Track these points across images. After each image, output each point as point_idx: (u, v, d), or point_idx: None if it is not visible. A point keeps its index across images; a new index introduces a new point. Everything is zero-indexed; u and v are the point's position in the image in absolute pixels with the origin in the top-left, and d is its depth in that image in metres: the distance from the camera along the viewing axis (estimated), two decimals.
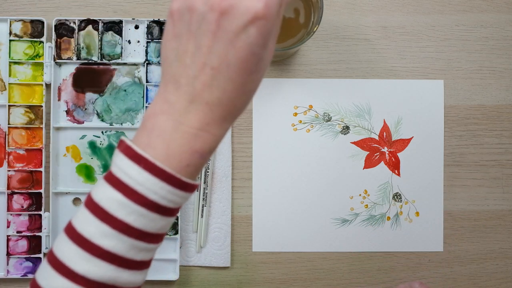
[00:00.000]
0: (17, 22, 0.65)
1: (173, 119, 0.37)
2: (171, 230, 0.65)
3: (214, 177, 0.66)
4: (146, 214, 0.37)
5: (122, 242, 0.37)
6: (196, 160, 0.38)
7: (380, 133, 0.67)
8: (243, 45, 0.35)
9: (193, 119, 0.37)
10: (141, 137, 0.38)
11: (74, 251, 0.37)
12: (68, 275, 0.37)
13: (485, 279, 0.67)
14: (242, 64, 0.36)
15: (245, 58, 0.36)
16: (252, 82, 0.37)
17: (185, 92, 0.37)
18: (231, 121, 0.39)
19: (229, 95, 0.37)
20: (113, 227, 0.37)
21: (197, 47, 0.36)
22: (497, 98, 0.67)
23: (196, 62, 0.36)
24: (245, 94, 0.38)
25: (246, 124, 0.67)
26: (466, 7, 0.67)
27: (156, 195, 0.37)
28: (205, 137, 0.37)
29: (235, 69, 0.36)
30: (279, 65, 0.67)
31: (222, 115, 0.37)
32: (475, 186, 0.67)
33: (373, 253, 0.66)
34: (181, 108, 0.37)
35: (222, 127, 0.38)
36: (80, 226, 0.38)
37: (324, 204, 0.66)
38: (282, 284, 0.66)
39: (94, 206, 0.38)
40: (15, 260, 0.65)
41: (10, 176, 0.64)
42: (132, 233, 0.37)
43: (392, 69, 0.67)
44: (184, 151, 0.37)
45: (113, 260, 0.37)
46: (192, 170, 0.38)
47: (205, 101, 0.37)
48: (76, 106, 0.66)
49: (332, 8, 0.67)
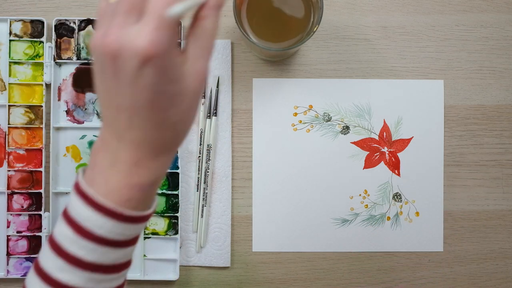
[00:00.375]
0: (17, 22, 0.65)
1: (109, 156, 0.37)
2: (171, 230, 0.65)
3: (214, 177, 0.66)
4: (96, 249, 0.37)
5: (77, 276, 0.37)
6: (136, 194, 0.37)
7: (380, 133, 0.67)
8: (143, 86, 0.34)
9: (124, 156, 0.37)
10: (87, 173, 0.38)
11: (38, 284, 0.38)
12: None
13: (485, 279, 0.67)
14: (151, 103, 0.35)
15: (151, 98, 0.34)
16: (174, 116, 0.36)
17: (113, 130, 0.37)
18: (167, 154, 0.38)
19: (151, 133, 0.36)
20: (67, 261, 0.37)
21: (107, 89, 0.35)
22: (497, 98, 0.67)
23: (111, 103, 0.36)
24: (169, 129, 0.37)
25: (246, 124, 0.67)
26: (466, 7, 0.67)
27: (102, 229, 0.37)
28: (141, 172, 0.37)
29: (146, 109, 0.35)
30: (279, 65, 0.67)
31: (152, 151, 0.37)
32: (475, 186, 0.67)
33: (373, 253, 0.66)
34: (114, 146, 0.37)
35: (157, 160, 0.38)
36: (42, 260, 0.39)
37: (324, 204, 0.66)
38: (282, 284, 0.66)
39: (52, 242, 0.38)
40: (15, 260, 0.65)
41: (10, 176, 0.64)
42: (86, 266, 0.37)
43: (392, 69, 0.67)
44: (122, 186, 0.37)
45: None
46: (134, 203, 0.37)
47: (130, 139, 0.36)
48: (76, 106, 0.66)
49: (332, 8, 0.67)
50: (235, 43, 0.66)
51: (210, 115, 0.65)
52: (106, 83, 0.35)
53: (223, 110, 0.66)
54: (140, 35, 0.33)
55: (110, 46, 0.33)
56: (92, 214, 0.37)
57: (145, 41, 0.32)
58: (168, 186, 0.65)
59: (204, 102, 0.66)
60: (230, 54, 0.66)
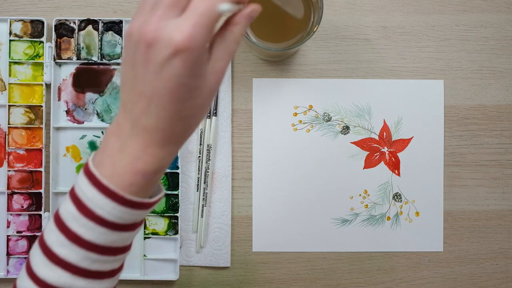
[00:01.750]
0: (17, 22, 0.65)
1: (120, 141, 0.39)
2: (171, 230, 0.65)
3: (214, 177, 0.66)
4: (95, 228, 0.39)
5: (75, 252, 0.40)
6: (139, 180, 0.39)
7: (380, 133, 0.67)
8: (169, 76, 0.36)
9: (135, 141, 0.39)
10: (97, 154, 0.40)
11: (39, 256, 0.40)
12: (33, 278, 0.40)
13: (485, 279, 0.67)
14: (171, 94, 0.37)
15: (173, 89, 0.37)
16: (188, 109, 0.38)
17: (129, 116, 0.39)
18: (175, 145, 0.40)
19: (164, 122, 0.38)
20: (67, 238, 0.40)
21: (134, 75, 0.38)
22: (497, 98, 0.67)
23: (134, 89, 0.38)
24: (181, 121, 0.39)
25: (246, 124, 0.67)
26: (466, 7, 0.67)
27: (102, 210, 0.39)
28: (147, 159, 0.39)
29: (166, 98, 0.37)
30: (279, 65, 0.67)
31: (162, 139, 0.39)
32: (475, 186, 0.67)
33: (373, 253, 0.66)
34: (126, 131, 0.39)
35: (165, 150, 0.39)
36: (46, 234, 0.41)
37: (324, 204, 0.66)
38: (282, 284, 0.66)
39: (57, 218, 0.41)
40: (15, 260, 0.65)
41: (10, 176, 0.64)
42: (83, 244, 0.39)
43: (392, 69, 0.67)
44: (127, 170, 0.39)
45: (68, 268, 0.40)
46: (135, 189, 0.39)
47: (143, 126, 0.38)
48: (76, 106, 0.66)
49: (332, 8, 0.67)
50: None
51: (210, 115, 0.65)
52: (134, 69, 0.37)
53: (223, 110, 0.66)
54: (178, 28, 0.35)
55: (148, 34, 0.36)
56: (95, 194, 0.39)
57: (182, 34, 0.35)
58: (168, 186, 0.65)
59: None
60: None
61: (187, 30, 0.35)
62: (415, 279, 0.67)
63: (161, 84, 0.37)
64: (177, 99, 0.37)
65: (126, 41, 0.38)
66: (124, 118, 0.39)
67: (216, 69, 0.39)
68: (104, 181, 0.39)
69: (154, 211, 0.65)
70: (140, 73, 0.37)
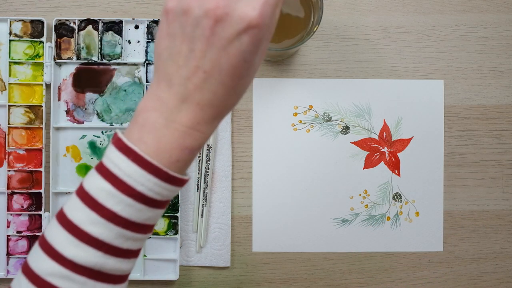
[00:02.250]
0: (17, 22, 0.65)
1: (164, 116, 0.38)
2: (171, 230, 0.65)
3: (214, 177, 0.66)
4: (133, 205, 0.38)
5: (109, 230, 0.38)
6: (186, 156, 0.39)
7: (380, 133, 0.67)
8: (236, 52, 0.37)
9: (184, 117, 0.38)
10: (132, 131, 0.39)
11: (63, 236, 0.39)
12: (57, 258, 0.39)
13: (485, 279, 0.67)
14: (234, 69, 0.37)
15: (237, 65, 0.37)
16: (242, 85, 0.39)
17: (177, 91, 0.38)
18: (220, 120, 0.40)
19: (219, 97, 0.38)
20: (101, 215, 0.38)
21: (191, 50, 0.37)
22: (497, 98, 0.67)
23: (189, 64, 0.38)
24: (235, 95, 0.39)
25: (246, 124, 0.67)
26: (466, 7, 0.67)
27: (143, 186, 0.38)
28: (195, 135, 0.39)
29: (227, 74, 0.37)
30: (279, 65, 0.67)
31: (213, 115, 0.39)
32: (475, 186, 0.67)
33: (373, 253, 0.66)
34: (173, 107, 0.38)
35: (212, 125, 0.40)
36: (70, 213, 0.39)
37: (324, 204, 0.66)
38: (282, 284, 0.66)
39: (84, 195, 0.39)
40: (15, 260, 0.65)
41: (10, 176, 0.64)
42: (119, 222, 0.38)
43: (392, 69, 0.67)
44: (174, 147, 0.38)
45: (100, 247, 0.39)
46: (181, 165, 0.39)
47: (196, 101, 0.38)
48: (76, 106, 0.66)
49: (332, 8, 0.67)
50: None
51: None
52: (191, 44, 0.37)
53: None
54: (251, 5, 0.36)
55: (218, 10, 0.36)
56: (136, 170, 0.38)
57: (255, 11, 0.36)
58: None
59: None
60: None
61: (259, 8, 0.36)
62: (415, 279, 0.67)
63: (225, 59, 0.37)
64: (237, 75, 0.38)
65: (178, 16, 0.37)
66: (170, 93, 0.38)
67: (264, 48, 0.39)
68: (148, 157, 0.38)
69: None
70: (200, 48, 0.37)
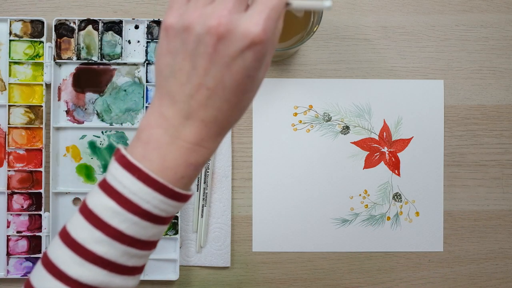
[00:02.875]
0: (17, 22, 0.65)
1: (169, 133, 0.38)
2: (171, 230, 0.65)
3: (214, 177, 0.66)
4: (139, 222, 0.38)
5: (114, 249, 0.38)
6: (191, 172, 0.39)
7: (380, 133, 0.67)
8: (239, 69, 0.36)
9: (189, 134, 0.38)
10: (136, 148, 0.39)
11: (67, 255, 0.38)
12: (61, 278, 0.38)
13: (485, 279, 0.67)
14: (238, 86, 0.37)
15: (241, 81, 0.37)
16: (246, 100, 0.39)
17: (181, 108, 0.38)
18: (224, 135, 0.40)
19: (224, 113, 0.38)
20: (106, 234, 0.38)
21: (193, 67, 0.37)
22: (497, 98, 0.67)
23: (192, 81, 0.37)
24: (239, 110, 0.39)
25: (246, 124, 0.67)
26: (466, 7, 0.67)
27: (149, 204, 0.38)
28: (200, 151, 0.39)
29: (231, 90, 0.37)
30: (279, 65, 0.67)
31: (217, 130, 0.39)
32: (475, 186, 0.67)
33: (373, 253, 0.66)
34: (177, 124, 0.38)
35: (217, 141, 0.40)
36: (74, 231, 0.39)
37: (324, 204, 0.66)
38: (282, 284, 0.66)
39: (88, 213, 0.39)
40: (15, 260, 0.65)
41: (10, 176, 0.64)
42: (125, 240, 0.38)
43: (392, 69, 0.67)
44: (179, 164, 0.38)
45: (105, 266, 0.38)
46: (186, 181, 0.39)
47: (201, 118, 0.38)
48: (76, 106, 0.66)
49: (332, 8, 0.67)
50: None
51: None
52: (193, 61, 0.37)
53: None
54: (253, 21, 0.35)
55: (220, 27, 0.35)
56: (141, 188, 0.38)
57: (258, 27, 0.35)
58: None
59: None
60: None
61: (262, 23, 0.35)
62: (415, 279, 0.67)
63: (229, 76, 0.36)
64: (241, 91, 0.37)
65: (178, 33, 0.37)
66: (173, 110, 0.38)
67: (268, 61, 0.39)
68: (153, 175, 0.38)
69: None
70: (202, 65, 0.37)
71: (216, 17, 0.36)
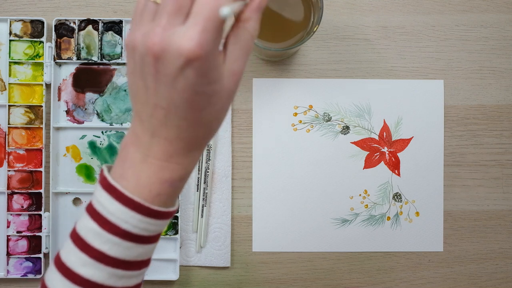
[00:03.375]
0: (17, 22, 0.65)
1: (140, 151, 0.38)
2: (171, 230, 0.65)
3: (214, 177, 0.66)
4: (120, 243, 0.38)
5: (100, 271, 0.38)
6: (167, 189, 0.38)
7: (380, 133, 0.67)
8: (184, 87, 0.35)
9: (157, 151, 0.37)
10: (116, 167, 0.39)
11: (59, 279, 0.38)
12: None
13: (485, 279, 0.67)
14: (189, 103, 0.35)
15: (190, 98, 0.35)
16: (209, 115, 0.37)
17: (147, 127, 0.37)
18: (199, 150, 0.39)
19: (185, 131, 0.37)
20: (90, 256, 0.38)
21: (146, 87, 0.36)
22: (497, 98, 0.67)
23: (149, 101, 0.36)
24: (203, 127, 0.38)
25: (246, 124, 0.67)
26: (466, 7, 0.67)
27: (128, 224, 0.37)
28: (172, 168, 0.38)
29: (184, 108, 0.36)
30: (279, 65, 0.67)
31: (185, 147, 0.38)
32: (475, 186, 0.67)
33: (373, 253, 0.66)
34: (146, 142, 0.38)
35: (189, 156, 0.38)
36: (64, 255, 0.39)
37: (324, 204, 0.66)
38: (282, 284, 0.66)
39: (75, 236, 0.39)
40: (15, 260, 0.65)
41: (10, 176, 0.64)
42: (109, 261, 0.38)
43: (392, 69, 0.67)
44: (153, 181, 0.38)
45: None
46: (164, 198, 0.38)
47: (164, 136, 0.37)
48: (76, 106, 0.66)
49: (332, 8, 0.67)
50: None
51: None
52: (145, 81, 0.36)
53: None
54: (187, 36, 0.33)
55: (155, 47, 0.34)
56: (119, 208, 0.37)
57: (192, 42, 0.33)
58: None
59: None
60: None
61: (196, 38, 0.33)
62: (415, 279, 0.67)
63: (176, 95, 0.35)
64: (196, 108, 0.36)
65: (129, 53, 0.36)
66: (142, 129, 0.38)
67: (233, 71, 0.37)
68: (128, 194, 0.37)
69: None
70: (152, 86, 0.36)
71: (151, 36, 0.34)
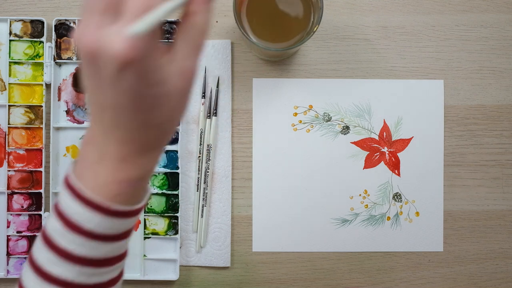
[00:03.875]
0: (17, 22, 0.65)
1: (97, 149, 0.36)
2: (171, 230, 0.65)
3: (214, 177, 0.66)
4: (85, 243, 0.37)
5: (69, 270, 0.37)
6: (126, 189, 0.37)
7: (380, 133, 0.67)
8: (125, 90, 0.32)
9: (112, 152, 0.36)
10: (77, 166, 0.37)
11: (32, 277, 0.38)
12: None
13: (485, 279, 0.67)
14: (134, 105, 0.33)
15: (134, 100, 0.33)
16: (159, 116, 0.35)
17: (99, 126, 0.36)
18: (155, 151, 0.38)
19: (135, 133, 0.35)
20: (58, 255, 0.37)
21: (92, 86, 0.34)
22: (497, 98, 0.67)
23: (97, 101, 0.35)
24: (155, 129, 0.36)
25: (246, 124, 0.67)
26: (466, 7, 0.67)
27: (90, 224, 0.36)
28: (129, 168, 0.36)
29: (129, 110, 0.34)
30: (279, 65, 0.67)
31: (139, 148, 0.36)
32: (475, 186, 0.67)
33: (373, 253, 0.66)
34: (101, 141, 0.36)
35: (145, 156, 0.37)
36: (35, 253, 0.38)
37: (324, 204, 0.66)
38: (282, 284, 0.66)
39: (44, 235, 0.38)
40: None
41: (10, 176, 0.64)
42: (77, 260, 0.37)
43: (392, 69, 0.67)
44: (110, 181, 0.36)
45: (64, 286, 0.37)
46: (124, 197, 0.37)
47: (115, 137, 0.35)
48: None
49: (332, 8, 0.67)
50: (235, 43, 0.66)
51: (210, 115, 0.65)
52: (90, 80, 0.34)
53: (223, 110, 0.66)
54: (117, 38, 0.30)
55: (88, 46, 0.31)
56: (80, 208, 0.36)
57: (122, 46, 0.30)
58: (168, 186, 0.65)
59: (204, 102, 0.66)
60: (230, 54, 0.66)
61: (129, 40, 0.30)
62: (415, 279, 0.67)
63: (119, 96, 0.33)
64: (141, 110, 0.34)
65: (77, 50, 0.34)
66: (97, 128, 0.36)
67: (184, 69, 0.34)
68: (88, 194, 0.36)
69: (154, 211, 0.65)
70: (95, 85, 0.33)
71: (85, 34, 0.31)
